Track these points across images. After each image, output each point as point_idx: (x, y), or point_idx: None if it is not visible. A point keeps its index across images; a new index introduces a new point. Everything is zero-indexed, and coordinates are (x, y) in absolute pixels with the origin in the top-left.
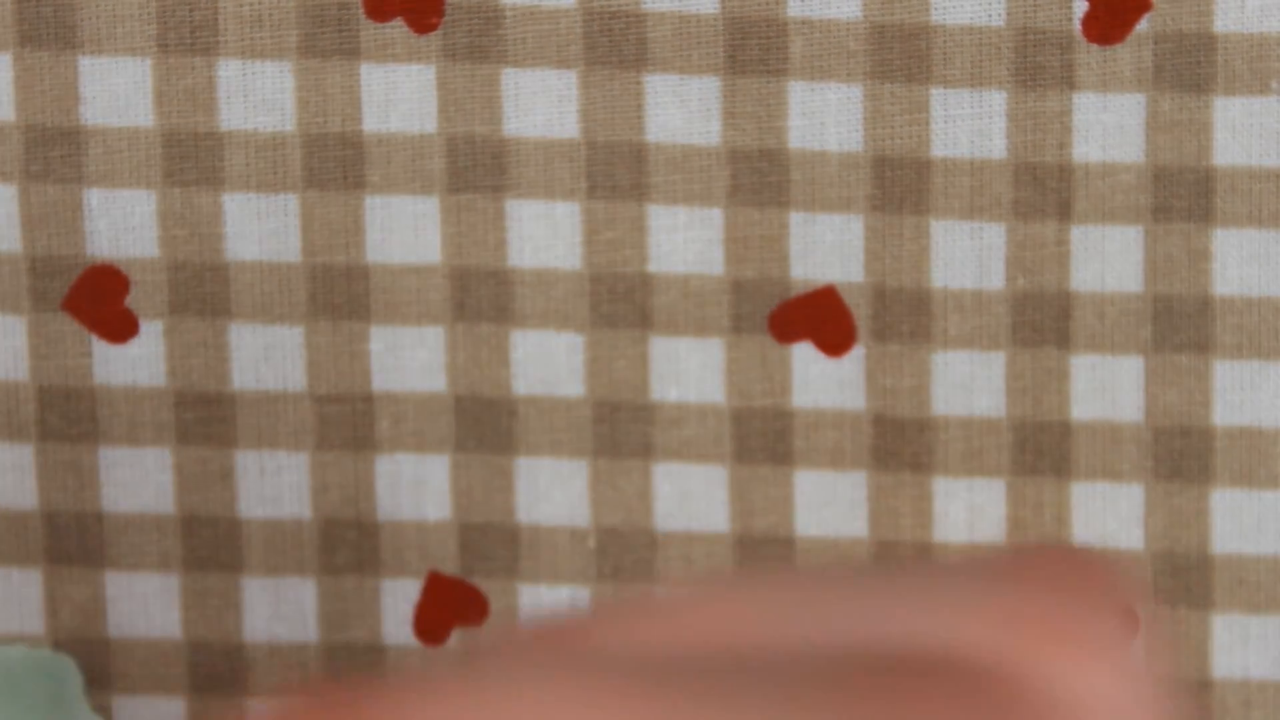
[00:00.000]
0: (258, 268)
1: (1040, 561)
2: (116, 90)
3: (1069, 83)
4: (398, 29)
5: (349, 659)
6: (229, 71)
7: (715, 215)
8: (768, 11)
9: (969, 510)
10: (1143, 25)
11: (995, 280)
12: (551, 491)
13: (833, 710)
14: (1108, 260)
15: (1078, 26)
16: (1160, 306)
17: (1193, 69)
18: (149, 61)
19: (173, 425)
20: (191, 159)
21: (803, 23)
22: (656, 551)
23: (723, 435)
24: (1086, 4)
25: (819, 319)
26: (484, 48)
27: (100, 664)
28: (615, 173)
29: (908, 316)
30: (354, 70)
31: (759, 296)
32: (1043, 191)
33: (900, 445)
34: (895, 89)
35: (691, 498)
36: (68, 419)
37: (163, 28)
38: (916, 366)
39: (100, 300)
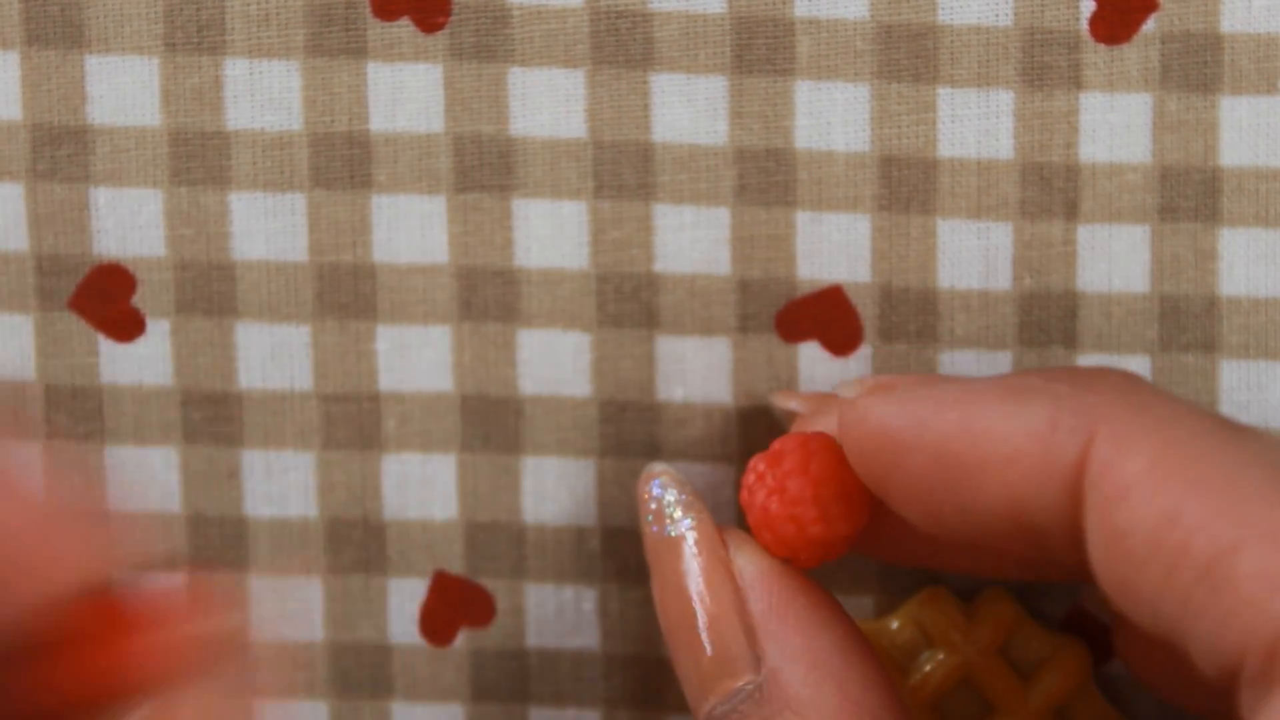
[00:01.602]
0: (264, 267)
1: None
2: (123, 89)
3: (1076, 83)
4: (405, 28)
5: (355, 658)
6: (236, 71)
7: (722, 215)
8: (775, 11)
9: None
10: (1150, 25)
11: (1002, 280)
12: (558, 491)
13: None
14: (1114, 260)
15: (1085, 26)
16: (1167, 306)
17: (1199, 69)
18: (156, 61)
19: (179, 424)
20: (198, 158)
21: (810, 22)
22: None
23: (729, 435)
24: (1094, 4)
25: (825, 319)
26: (491, 47)
27: None
28: (622, 172)
29: (914, 316)
30: (361, 69)
31: (765, 296)
32: (1049, 191)
33: None
34: (902, 89)
35: None
36: (74, 418)
37: (169, 27)
38: (923, 366)
39: (107, 299)
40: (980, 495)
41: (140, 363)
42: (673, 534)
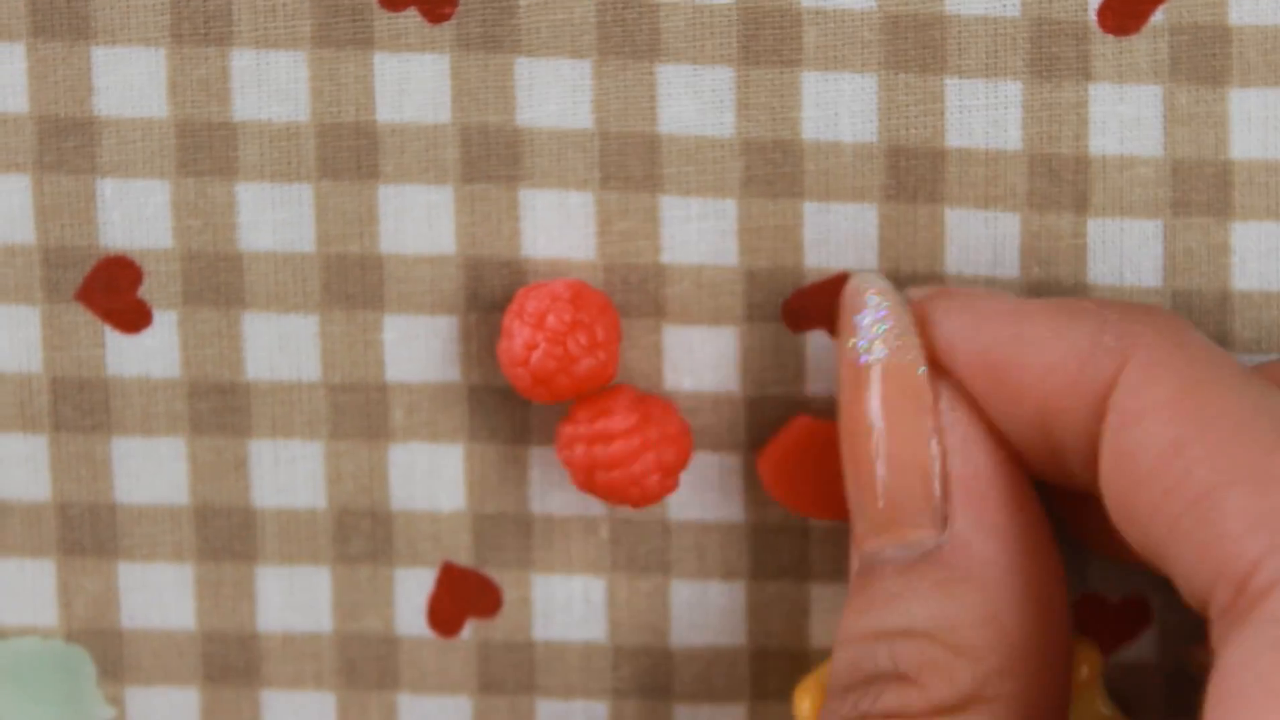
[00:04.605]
0: (272, 258)
1: None
2: (130, 80)
3: (1085, 74)
4: (411, 18)
5: (362, 649)
6: (243, 61)
7: (729, 206)
8: (781, 2)
9: None
10: (1158, 17)
11: (1009, 269)
12: (565, 482)
13: None
14: (1126, 255)
15: (1093, 17)
16: (1179, 301)
17: (1208, 61)
18: (163, 51)
19: (186, 415)
20: (205, 149)
21: (817, 13)
22: (670, 540)
23: (737, 424)
24: None
25: (832, 308)
26: (498, 37)
27: (113, 655)
28: (628, 163)
29: None
30: (368, 60)
31: (772, 286)
32: (1058, 184)
33: None
34: (910, 79)
35: (706, 487)
36: (81, 410)
37: (176, 17)
38: None
39: (114, 291)
40: (1016, 404)
41: (147, 354)
42: (868, 361)
